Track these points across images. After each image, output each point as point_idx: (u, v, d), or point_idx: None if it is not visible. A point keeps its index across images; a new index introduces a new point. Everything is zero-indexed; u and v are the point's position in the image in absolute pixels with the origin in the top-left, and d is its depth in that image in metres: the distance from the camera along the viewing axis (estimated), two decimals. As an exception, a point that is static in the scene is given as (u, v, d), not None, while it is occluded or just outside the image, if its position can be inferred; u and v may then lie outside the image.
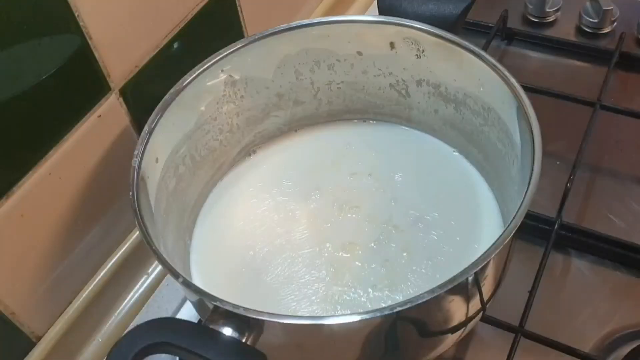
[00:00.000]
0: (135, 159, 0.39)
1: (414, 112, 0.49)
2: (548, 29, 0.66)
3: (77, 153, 0.41)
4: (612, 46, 0.62)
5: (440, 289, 0.31)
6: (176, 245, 0.43)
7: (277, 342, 0.34)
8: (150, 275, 0.50)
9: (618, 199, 0.52)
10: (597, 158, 0.55)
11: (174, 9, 0.46)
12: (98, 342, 0.47)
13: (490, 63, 0.41)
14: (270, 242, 0.45)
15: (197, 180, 0.46)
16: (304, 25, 0.45)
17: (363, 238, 0.44)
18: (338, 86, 0.50)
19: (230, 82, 0.46)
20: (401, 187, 0.47)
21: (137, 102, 0.45)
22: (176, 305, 0.49)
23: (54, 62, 0.38)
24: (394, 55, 0.46)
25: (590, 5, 0.65)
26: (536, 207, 0.50)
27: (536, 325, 0.43)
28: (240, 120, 0.48)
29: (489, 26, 0.64)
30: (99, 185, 0.44)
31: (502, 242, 0.33)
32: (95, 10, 0.39)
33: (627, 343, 0.44)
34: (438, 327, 0.36)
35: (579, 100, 0.57)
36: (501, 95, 0.41)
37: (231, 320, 0.31)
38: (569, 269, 0.49)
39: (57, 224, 0.42)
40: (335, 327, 0.32)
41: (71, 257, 0.44)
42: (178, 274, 0.33)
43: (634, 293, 0.47)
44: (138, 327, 0.31)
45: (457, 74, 0.44)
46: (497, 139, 0.43)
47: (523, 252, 0.49)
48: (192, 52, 0.47)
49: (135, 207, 0.36)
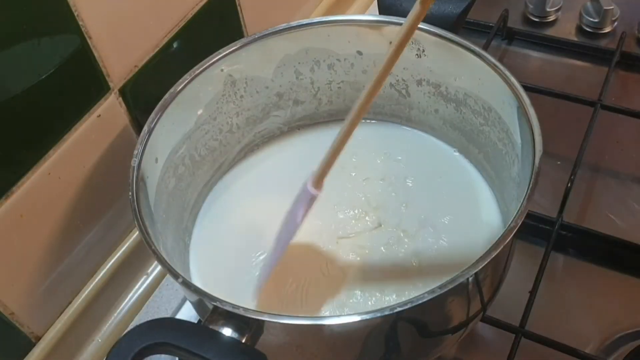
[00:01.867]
0: (134, 159, 0.39)
1: (414, 111, 0.49)
2: (548, 29, 0.66)
3: (77, 153, 0.41)
4: (613, 46, 0.62)
5: (441, 290, 0.31)
6: (176, 245, 0.43)
7: (277, 342, 0.34)
8: (149, 276, 0.50)
9: (619, 199, 0.52)
10: (597, 158, 0.55)
11: (173, 9, 0.45)
12: (97, 342, 0.47)
13: (490, 63, 0.41)
14: (271, 242, 0.45)
15: (197, 180, 0.46)
16: (304, 24, 0.45)
17: (364, 240, 0.44)
18: (338, 86, 0.49)
19: (230, 81, 0.46)
20: (401, 187, 0.47)
21: (137, 101, 0.45)
22: (176, 306, 0.49)
23: (54, 62, 0.38)
24: (394, 55, 0.46)
25: (591, 5, 0.65)
26: (536, 207, 0.50)
27: (537, 326, 0.43)
28: (240, 120, 0.48)
29: (489, 26, 0.64)
30: (98, 185, 0.44)
31: (502, 242, 0.33)
32: (94, 9, 0.39)
33: (627, 343, 0.44)
34: (438, 328, 0.36)
35: (579, 99, 0.56)
36: (502, 95, 0.41)
37: (231, 320, 0.31)
38: (570, 269, 0.49)
39: (57, 224, 0.42)
40: (336, 327, 0.32)
41: (71, 257, 0.44)
42: (177, 274, 0.33)
43: (634, 293, 0.47)
44: (137, 328, 0.31)
45: (458, 74, 0.44)
46: (498, 139, 0.43)
47: (523, 253, 0.49)
48: (192, 52, 0.47)
49: (135, 207, 0.36)
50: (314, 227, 0.45)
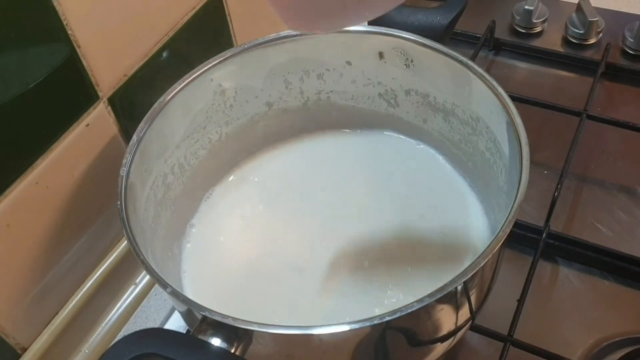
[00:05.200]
0: (123, 168, 0.38)
1: (403, 121, 0.50)
2: (535, 40, 0.67)
3: (65, 162, 0.41)
4: (598, 57, 0.63)
5: (430, 298, 0.31)
6: (164, 255, 0.42)
7: (267, 352, 0.34)
8: (138, 285, 0.50)
9: (605, 207, 0.53)
10: (584, 167, 0.56)
11: (163, 18, 0.46)
12: (85, 353, 0.46)
13: (478, 73, 0.41)
14: (260, 252, 0.45)
15: (186, 189, 0.46)
16: (293, 35, 0.45)
17: (353, 250, 0.44)
18: (327, 95, 0.50)
19: (219, 91, 0.46)
20: (391, 196, 0.47)
21: (126, 110, 0.44)
22: (164, 316, 0.49)
23: (42, 71, 0.37)
24: (383, 65, 0.46)
25: (576, 16, 0.66)
26: (524, 216, 0.51)
27: (525, 334, 0.43)
28: (229, 130, 0.48)
29: (476, 36, 0.65)
30: (87, 195, 0.44)
31: (490, 251, 0.33)
32: (83, 18, 0.39)
33: (614, 351, 0.44)
34: (427, 336, 0.36)
35: (565, 110, 0.57)
36: (489, 105, 0.41)
37: (220, 330, 0.31)
38: (557, 278, 0.49)
39: (44, 233, 0.41)
40: (325, 337, 0.32)
41: (58, 267, 0.43)
42: (166, 284, 0.33)
43: (621, 301, 0.47)
44: (126, 338, 0.30)
45: (446, 84, 0.45)
46: (486, 149, 0.44)
47: (511, 261, 0.49)
48: (182, 61, 0.47)
49: (123, 217, 0.36)
50: (296, 237, 0.45)
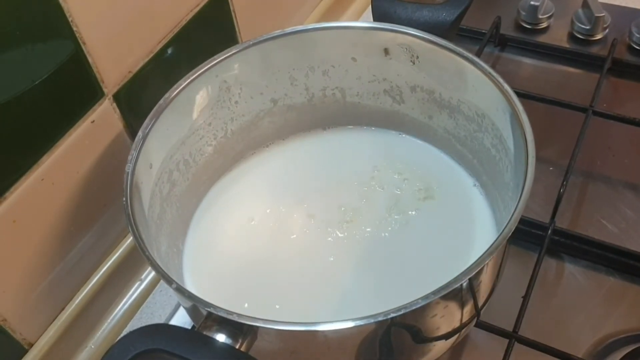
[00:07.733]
0: (128, 164, 0.38)
1: (408, 118, 0.50)
2: (540, 35, 0.67)
3: (70, 159, 0.41)
4: (604, 52, 0.63)
5: (434, 295, 0.31)
6: (170, 251, 0.43)
7: (271, 348, 0.34)
8: (143, 282, 0.50)
9: (610, 204, 0.52)
10: (589, 164, 0.55)
11: (168, 15, 0.46)
12: (91, 349, 0.47)
13: (483, 69, 0.41)
14: (264, 248, 0.45)
15: (191, 185, 0.46)
16: (299, 31, 0.45)
17: (357, 247, 0.44)
18: (332, 92, 0.50)
19: (224, 87, 0.46)
20: (395, 193, 0.47)
21: (131, 107, 0.45)
22: (169, 312, 0.49)
23: (47, 68, 0.37)
24: (388, 62, 0.46)
25: (582, 12, 0.66)
26: (529, 212, 0.51)
27: (530, 331, 0.43)
28: (234, 126, 0.48)
29: (482, 32, 0.64)
30: (92, 191, 0.44)
31: (495, 248, 0.33)
32: (89, 15, 0.39)
33: (620, 348, 0.44)
34: (432, 333, 0.36)
35: (571, 106, 0.57)
36: (495, 102, 0.41)
37: (225, 326, 0.31)
38: (563, 274, 0.49)
39: (50, 229, 0.41)
40: (330, 333, 0.32)
41: (64, 263, 0.43)
42: (171, 280, 0.33)
43: (627, 298, 0.47)
44: (131, 334, 0.30)
45: (451, 80, 0.44)
46: (491, 145, 0.43)
47: (517, 258, 0.49)
48: (187, 58, 0.47)
49: (129, 213, 0.36)
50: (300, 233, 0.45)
